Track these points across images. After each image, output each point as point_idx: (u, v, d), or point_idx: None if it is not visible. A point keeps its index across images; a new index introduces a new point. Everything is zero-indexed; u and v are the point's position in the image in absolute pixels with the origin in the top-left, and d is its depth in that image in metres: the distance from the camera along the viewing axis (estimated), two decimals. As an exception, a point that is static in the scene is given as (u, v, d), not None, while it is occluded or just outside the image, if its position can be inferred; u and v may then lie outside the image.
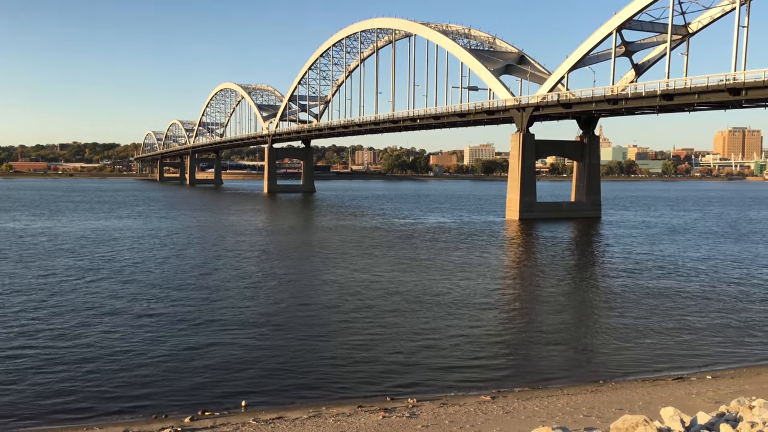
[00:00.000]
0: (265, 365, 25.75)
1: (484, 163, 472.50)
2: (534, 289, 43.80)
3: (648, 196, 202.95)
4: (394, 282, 44.33)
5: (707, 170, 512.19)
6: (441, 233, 79.56)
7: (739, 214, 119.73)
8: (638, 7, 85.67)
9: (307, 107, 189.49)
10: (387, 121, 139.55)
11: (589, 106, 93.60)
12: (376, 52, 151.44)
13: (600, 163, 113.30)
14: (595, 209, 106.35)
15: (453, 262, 54.46)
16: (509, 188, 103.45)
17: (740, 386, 23.10)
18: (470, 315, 34.69)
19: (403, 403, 21.76)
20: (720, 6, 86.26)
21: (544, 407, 20.98)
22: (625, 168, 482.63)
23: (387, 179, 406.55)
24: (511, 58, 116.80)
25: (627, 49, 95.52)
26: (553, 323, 33.61)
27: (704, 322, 33.86)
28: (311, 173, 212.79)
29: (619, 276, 48.41)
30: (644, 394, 22.50)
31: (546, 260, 57.57)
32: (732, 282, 45.98)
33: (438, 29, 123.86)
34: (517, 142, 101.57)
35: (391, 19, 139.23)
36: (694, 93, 78.88)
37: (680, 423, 7.82)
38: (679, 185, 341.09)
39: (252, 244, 66.34)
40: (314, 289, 42.03)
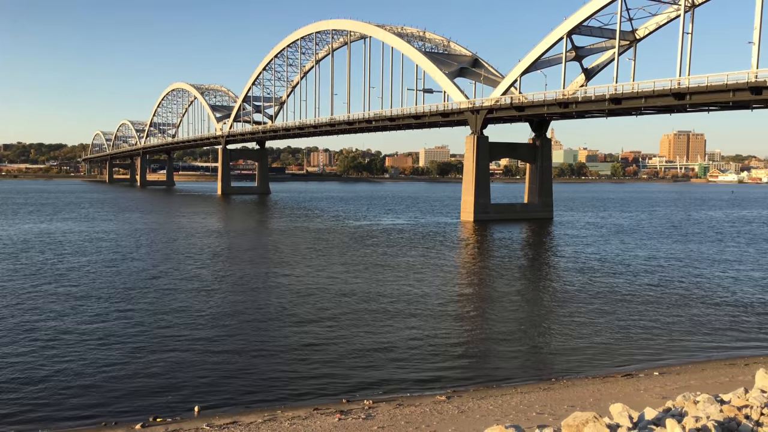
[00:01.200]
0: (218, 369, 25.34)
1: (439, 164, 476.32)
2: (488, 289, 44.34)
3: (598, 197, 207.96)
4: (349, 284, 44.25)
5: (654, 172, 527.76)
6: (396, 235, 79.82)
7: (683, 215, 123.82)
8: (588, 13, 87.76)
9: (262, 108, 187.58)
10: (343, 123, 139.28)
11: (541, 110, 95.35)
12: (331, 54, 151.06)
13: (552, 165, 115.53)
14: (548, 210, 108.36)
15: (408, 263, 54.68)
16: (464, 190, 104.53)
17: (686, 382, 23.83)
18: (425, 315, 34.88)
19: (359, 405, 21.72)
20: (665, 13, 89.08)
21: (498, 406, 21.24)
22: (576, 170, 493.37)
23: (343, 181, 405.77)
24: (465, 61, 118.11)
25: (577, 54, 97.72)
26: (507, 322, 34.08)
27: (651, 319, 34.86)
28: (266, 175, 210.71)
29: (570, 275, 49.43)
30: (595, 390, 23.00)
31: (500, 261, 58.36)
32: (676, 280, 47.48)
33: (393, 31, 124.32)
34: (471, 145, 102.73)
35: (346, 21, 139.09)
36: (641, 97, 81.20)
37: (628, 419, 8.01)
38: (627, 187, 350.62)
39: (204, 246, 65.25)
40: (268, 291, 41.59)
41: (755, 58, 70.39)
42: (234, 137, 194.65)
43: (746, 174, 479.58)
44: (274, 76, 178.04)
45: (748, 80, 69.49)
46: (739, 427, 7.45)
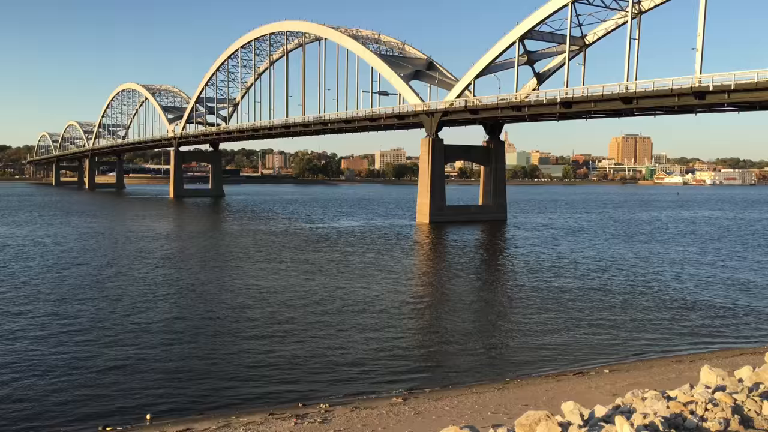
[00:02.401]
0: (170, 376, 24.83)
1: (395, 167, 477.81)
2: (443, 291, 44.69)
3: (550, 199, 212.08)
4: (303, 286, 43.98)
5: (603, 174, 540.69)
6: (352, 237, 79.73)
7: (631, 216, 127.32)
8: (539, 18, 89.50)
9: (216, 110, 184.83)
10: (298, 125, 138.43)
11: (495, 113, 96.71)
12: (285, 55, 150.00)
13: (505, 168, 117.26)
14: (502, 212, 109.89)
15: (363, 265, 54.68)
16: (419, 192, 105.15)
17: (635, 379, 24.47)
18: (381, 317, 34.92)
19: (315, 409, 21.59)
20: (613, 19, 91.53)
21: (454, 406, 21.41)
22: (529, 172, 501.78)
23: (298, 183, 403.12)
24: (420, 64, 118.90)
25: (529, 58, 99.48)
26: (462, 323, 34.41)
27: (601, 318, 35.70)
28: (220, 177, 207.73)
29: (524, 276, 50.24)
30: (548, 389, 23.41)
31: (455, 262, 58.90)
32: (624, 280, 48.78)
33: (348, 33, 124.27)
34: (426, 147, 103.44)
35: (300, 23, 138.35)
36: (591, 101, 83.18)
37: (579, 416, 8.17)
38: (578, 189, 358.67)
39: (153, 250, 63.86)
40: (220, 296, 40.97)
41: (698, 64, 72.93)
42: (187, 139, 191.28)
43: (691, 176, 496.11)
44: (228, 77, 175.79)
45: (692, 85, 71.91)
46: (685, 422, 7.69)
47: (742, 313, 37.59)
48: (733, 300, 41.40)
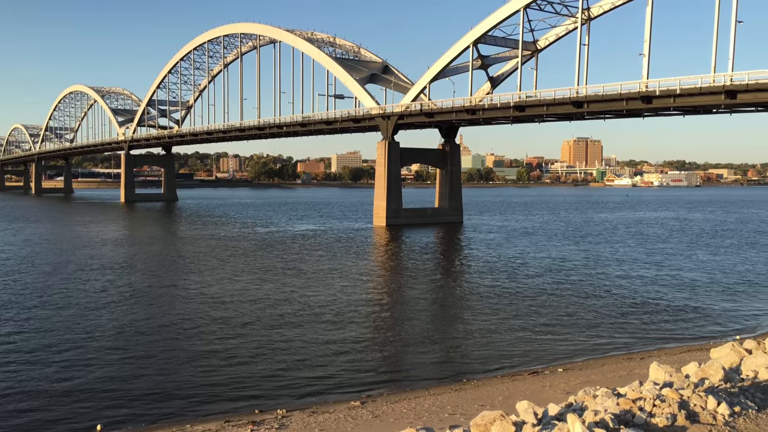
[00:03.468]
0: (122, 384, 24.21)
1: (351, 170, 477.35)
2: (400, 294, 44.82)
3: (504, 201, 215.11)
4: (258, 291, 43.51)
5: (556, 177, 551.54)
6: (308, 241, 79.28)
7: (582, 218, 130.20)
8: (492, 23, 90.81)
9: (168, 112, 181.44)
10: (253, 128, 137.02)
11: (450, 116, 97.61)
12: (240, 58, 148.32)
13: (461, 170, 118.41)
14: (458, 214, 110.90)
15: (320, 269, 54.43)
16: (376, 195, 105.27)
17: (587, 377, 24.99)
18: (338, 321, 34.81)
19: (272, 415, 21.36)
20: (564, 25, 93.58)
21: (411, 408, 21.48)
22: (484, 175, 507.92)
23: (254, 187, 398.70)
24: (375, 67, 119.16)
25: (483, 63, 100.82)
26: (420, 325, 34.57)
27: (555, 318, 36.37)
28: (173, 181, 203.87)
29: (480, 277, 50.81)
30: (504, 389, 23.70)
31: (411, 265, 59.16)
32: (577, 280, 49.83)
33: (303, 36, 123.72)
34: (383, 150, 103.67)
35: (254, 25, 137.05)
36: (543, 105, 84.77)
37: (533, 415, 8.30)
38: (531, 191, 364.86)
39: (102, 257, 62.21)
40: (172, 302, 40.17)
41: (645, 69, 75.14)
42: (138, 142, 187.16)
43: (639, 178, 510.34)
44: (181, 79, 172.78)
45: (639, 90, 73.99)
46: (634, 418, 7.89)
47: (689, 311, 38.81)
48: (680, 298, 42.72)
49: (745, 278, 51.34)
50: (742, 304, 41.29)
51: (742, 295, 44.30)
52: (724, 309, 39.50)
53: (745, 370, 11.06)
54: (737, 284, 48.45)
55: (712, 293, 44.66)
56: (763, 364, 11.01)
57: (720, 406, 8.12)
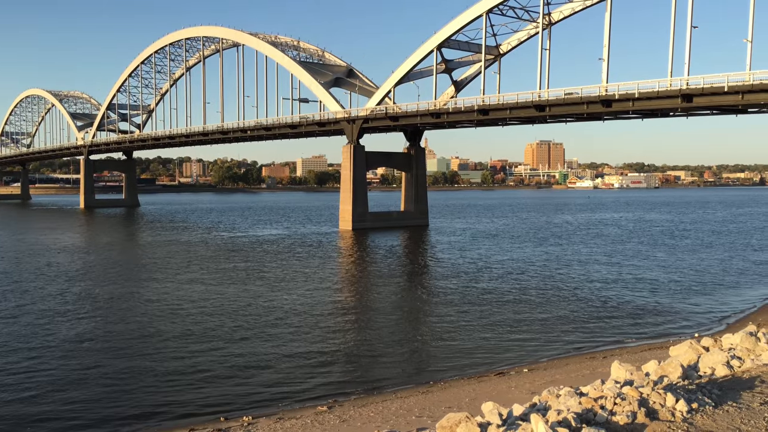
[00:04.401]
0: (83, 393, 23.65)
1: (316, 174, 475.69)
2: (366, 297, 44.80)
3: (469, 204, 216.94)
4: (223, 297, 43.01)
5: (520, 179, 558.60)
6: (272, 245, 78.70)
7: (545, 220, 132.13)
8: (455, 28, 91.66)
9: (129, 117, 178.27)
10: (216, 132, 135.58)
11: (415, 119, 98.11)
12: (202, 61, 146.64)
13: (426, 174, 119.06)
14: (423, 217, 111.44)
15: (284, 274, 54.08)
16: (342, 199, 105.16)
17: (552, 376, 25.32)
18: (304, 326, 34.62)
19: (237, 422, 21.11)
20: (526, 30, 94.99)
21: (378, 412, 21.46)
22: (449, 178, 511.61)
23: (218, 192, 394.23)
24: (340, 71, 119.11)
25: (447, 67, 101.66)
26: (386, 329, 34.60)
27: (520, 319, 36.80)
28: (134, 186, 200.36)
29: (445, 280, 51.11)
30: (470, 391, 23.86)
31: (377, 268, 59.20)
32: (540, 281, 50.51)
33: (267, 40, 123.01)
34: (348, 154, 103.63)
35: (217, 28, 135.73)
36: (506, 109, 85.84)
37: (498, 416, 8.39)
38: (496, 194, 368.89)
39: (60, 264, 60.73)
40: (132, 309, 39.40)
41: (605, 73, 76.74)
42: (98, 147, 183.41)
43: (600, 180, 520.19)
44: (141, 83, 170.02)
45: (599, 94, 75.50)
46: (596, 417, 8.04)
47: (649, 310, 39.68)
48: (640, 298, 43.65)
49: (701, 277, 52.73)
50: (699, 302, 42.39)
51: (699, 293, 45.49)
52: (682, 308, 40.49)
53: (703, 367, 11.36)
54: (694, 283, 49.73)
55: (670, 292, 45.74)
56: (720, 361, 11.32)
57: (678, 403, 8.32)
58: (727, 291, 46.56)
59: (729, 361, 11.23)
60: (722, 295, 44.82)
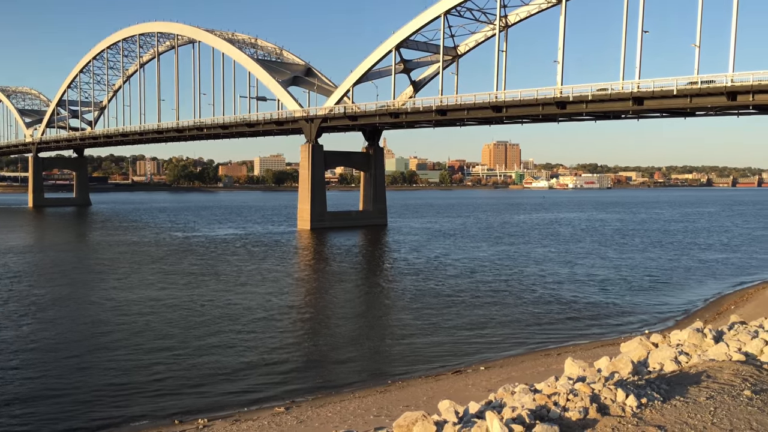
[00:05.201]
0: (32, 397, 22.92)
1: (274, 173, 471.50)
2: (324, 297, 44.65)
3: (428, 203, 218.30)
4: (175, 299, 42.26)
5: (477, 179, 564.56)
6: (229, 245, 77.71)
7: (501, 219, 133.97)
8: (414, 28, 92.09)
9: (80, 113, 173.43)
10: (171, 130, 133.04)
11: (373, 119, 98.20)
12: (157, 57, 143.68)
13: (385, 173, 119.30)
14: (382, 217, 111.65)
15: (243, 274, 53.46)
16: (300, 198, 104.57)
17: (508, 374, 25.69)
18: (262, 327, 34.29)
19: (192, 425, 20.79)
20: (483, 31, 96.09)
21: (336, 412, 21.42)
22: (408, 178, 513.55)
23: (173, 191, 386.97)
24: (298, 70, 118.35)
25: (406, 67, 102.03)
26: (344, 328, 34.54)
27: (477, 317, 37.21)
28: (86, 185, 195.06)
29: (404, 279, 51.32)
30: (428, 389, 24.02)
31: (335, 268, 59.05)
32: (497, 280, 51.19)
33: (224, 37, 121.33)
34: (306, 153, 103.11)
35: (172, 24, 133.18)
36: (464, 109, 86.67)
37: (454, 414, 8.46)
38: (454, 193, 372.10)
39: (6, 266, 58.68)
40: (81, 311, 38.33)
41: (560, 75, 78.18)
42: (47, 144, 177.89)
43: (555, 181, 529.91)
44: (93, 79, 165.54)
45: (554, 96, 76.88)
46: (549, 413, 8.19)
47: (602, 307, 40.63)
48: (593, 295, 44.66)
49: (651, 276, 54.25)
50: (649, 299, 43.60)
51: (649, 291, 46.79)
52: (633, 305, 41.59)
53: (652, 363, 11.69)
54: (644, 281, 51.13)
55: (622, 290, 46.93)
56: (668, 356, 11.67)
57: (628, 399, 8.54)
58: (675, 288, 48.03)
59: (677, 356, 11.59)
60: (671, 293, 46.20)
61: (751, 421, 8.37)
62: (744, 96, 63.23)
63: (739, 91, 63.13)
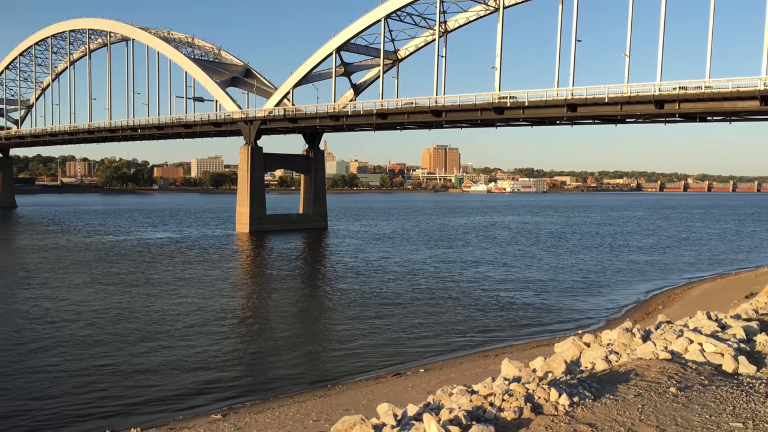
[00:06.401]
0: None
1: (212, 175, 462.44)
2: (263, 301, 44.06)
3: (368, 207, 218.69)
4: (108, 304, 40.86)
5: (418, 183, 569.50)
6: (163, 249, 75.71)
7: (441, 222, 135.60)
8: (354, 32, 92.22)
9: (5, 112, 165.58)
10: (104, 130, 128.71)
11: (314, 122, 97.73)
12: (88, 55, 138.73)
13: (325, 176, 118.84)
14: (322, 220, 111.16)
15: (177, 278, 52.17)
16: (239, 201, 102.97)
17: (447, 375, 25.97)
18: (197, 333, 33.53)
19: (125, 436, 20.10)
20: (423, 36, 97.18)
21: (275, 418, 21.14)
22: (348, 181, 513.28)
23: (105, 193, 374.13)
24: (237, 70, 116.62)
25: (346, 70, 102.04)
26: (283, 333, 34.17)
27: (417, 320, 37.49)
28: (11, 186, 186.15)
29: (343, 282, 51.21)
30: (368, 392, 24.02)
31: (274, 272, 58.38)
32: (435, 282, 51.75)
33: (159, 35, 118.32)
34: (245, 155, 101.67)
35: (104, 20, 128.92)
36: (405, 113, 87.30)
37: (393, 417, 8.48)
38: (394, 197, 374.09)
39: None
40: (3, 319, 36.60)
41: (497, 81, 79.78)
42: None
43: (493, 184, 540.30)
44: (20, 76, 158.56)
45: (492, 101, 78.38)
46: (485, 414, 8.31)
47: (537, 308, 41.64)
48: (529, 297, 45.73)
49: (584, 277, 56.00)
50: (583, 300, 44.98)
51: (582, 292, 48.27)
52: (568, 306, 42.80)
53: (584, 362, 12.04)
54: (578, 283, 52.73)
55: (557, 291, 48.24)
56: (599, 356, 12.04)
57: (561, 398, 8.76)
58: (607, 290, 49.72)
59: (607, 356, 11.97)
60: (603, 294, 47.80)
61: (676, 417, 8.72)
62: (671, 104, 66.11)
63: (666, 100, 65.96)
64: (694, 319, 14.49)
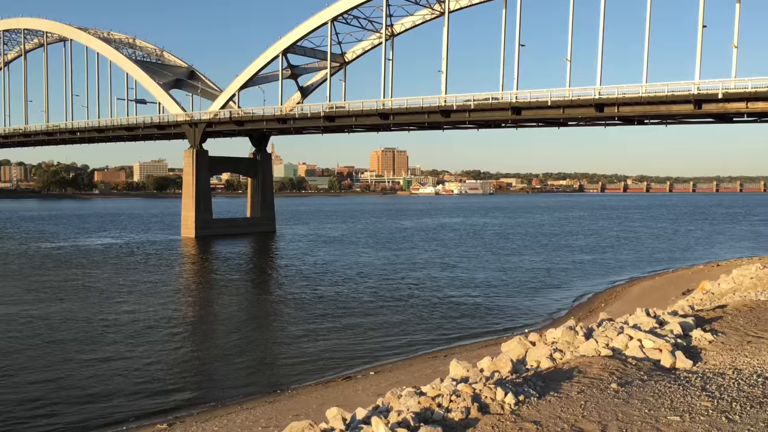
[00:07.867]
0: None
1: (156, 179, 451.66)
2: (209, 307, 43.29)
3: (317, 210, 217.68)
4: (44, 312, 39.40)
5: (366, 186, 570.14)
6: (104, 255, 73.51)
7: (389, 224, 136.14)
8: (301, 34, 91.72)
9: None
10: (40, 133, 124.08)
11: (261, 125, 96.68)
12: (23, 56, 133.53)
13: (273, 180, 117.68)
14: (270, 224, 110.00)
15: (118, 285, 50.73)
16: (184, 205, 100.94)
17: (397, 378, 26.04)
18: (141, 340, 32.66)
19: (65, 450, 19.39)
20: (370, 40, 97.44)
21: (223, 425, 20.79)
22: (297, 184, 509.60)
23: (43, 198, 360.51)
24: (181, 72, 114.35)
25: (293, 72, 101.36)
26: (230, 339, 33.64)
27: (365, 322, 37.50)
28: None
29: (290, 287, 50.80)
30: (318, 396, 23.87)
31: (220, 276, 57.45)
32: (383, 284, 51.92)
33: (99, 36, 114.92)
34: (190, 159, 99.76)
35: (39, 20, 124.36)
36: (352, 116, 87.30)
37: (342, 421, 8.46)
38: (343, 200, 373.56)
39: None
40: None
41: (444, 85, 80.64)
42: None
43: (441, 187, 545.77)
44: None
45: (439, 104, 79.17)
46: (433, 415, 8.38)
47: (484, 309, 42.24)
48: (476, 297, 46.36)
49: (529, 277, 57.15)
50: (529, 300, 45.89)
51: (528, 291, 49.25)
52: (514, 305, 43.58)
53: (530, 361, 12.28)
54: (524, 282, 53.77)
55: (504, 291, 49.07)
56: (544, 354, 12.31)
57: (507, 396, 8.91)
58: (552, 289, 50.86)
59: (552, 354, 12.25)
60: (548, 293, 48.87)
61: (617, 412, 8.99)
62: (610, 108, 68.17)
63: (605, 104, 67.99)
64: (633, 316, 14.96)
